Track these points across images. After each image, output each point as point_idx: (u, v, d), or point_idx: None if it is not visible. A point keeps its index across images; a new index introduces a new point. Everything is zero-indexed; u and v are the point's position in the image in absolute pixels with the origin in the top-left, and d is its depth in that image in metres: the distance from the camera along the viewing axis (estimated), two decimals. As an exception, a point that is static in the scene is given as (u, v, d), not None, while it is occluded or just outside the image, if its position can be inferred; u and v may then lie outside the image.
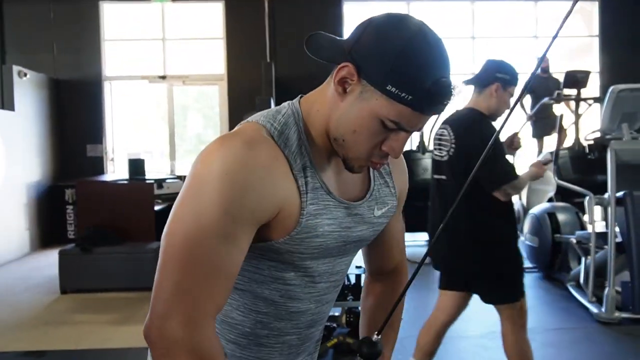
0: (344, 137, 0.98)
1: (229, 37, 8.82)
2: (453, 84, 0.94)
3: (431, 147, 7.32)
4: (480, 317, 4.52)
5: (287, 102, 1.07)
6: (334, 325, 4.07)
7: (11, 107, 7.32)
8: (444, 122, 2.88)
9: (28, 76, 7.62)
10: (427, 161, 7.10)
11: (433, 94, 0.91)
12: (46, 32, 8.61)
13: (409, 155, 7.18)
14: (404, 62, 0.90)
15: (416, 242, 7.84)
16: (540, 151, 7.92)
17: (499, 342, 4.03)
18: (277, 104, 8.18)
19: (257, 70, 7.92)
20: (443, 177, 2.79)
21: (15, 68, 7.41)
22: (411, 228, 7.51)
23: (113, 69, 8.98)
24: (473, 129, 2.65)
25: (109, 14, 8.92)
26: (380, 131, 0.96)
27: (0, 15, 8.66)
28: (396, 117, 0.93)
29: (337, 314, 4.20)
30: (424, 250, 7.41)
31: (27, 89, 7.69)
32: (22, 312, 4.93)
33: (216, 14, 8.89)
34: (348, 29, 8.96)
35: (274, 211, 0.96)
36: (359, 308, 3.87)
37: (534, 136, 8.12)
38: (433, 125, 7.52)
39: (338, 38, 1.00)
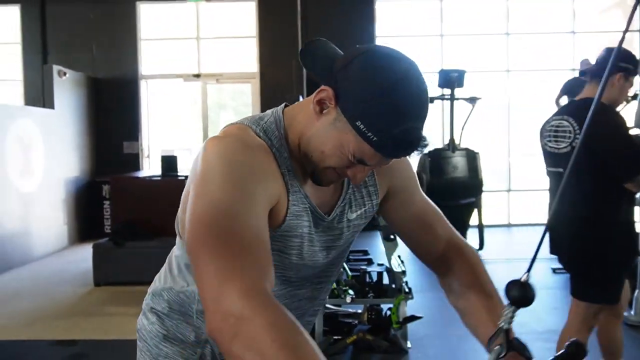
0: (312, 154, 1.02)
1: (261, 35, 8.92)
2: (423, 136, 0.95)
3: (464, 145, 7.32)
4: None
5: (271, 109, 1.10)
6: (355, 322, 4.10)
7: (51, 106, 7.57)
8: (561, 113, 2.75)
9: (67, 75, 7.88)
10: (457, 159, 7.05)
11: (398, 141, 0.93)
12: (85, 32, 8.87)
13: (439, 153, 7.13)
14: (378, 105, 0.92)
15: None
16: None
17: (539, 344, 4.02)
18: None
19: (289, 69, 8.00)
20: (561, 169, 2.66)
21: (55, 68, 7.67)
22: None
23: (149, 67, 9.19)
24: (601, 118, 2.42)
25: (145, 14, 9.13)
26: (345, 159, 0.99)
27: (42, 17, 8.96)
28: (359, 153, 0.96)
29: (359, 311, 4.22)
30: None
31: (66, 87, 7.95)
32: (57, 303, 5.13)
33: (249, 12, 9.00)
34: (380, 27, 8.98)
35: (275, 200, 1.00)
36: (381, 305, 3.92)
37: None
38: (466, 121, 7.50)
39: (336, 51, 1.02)
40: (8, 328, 4.51)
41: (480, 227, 6.99)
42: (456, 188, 6.98)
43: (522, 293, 0.90)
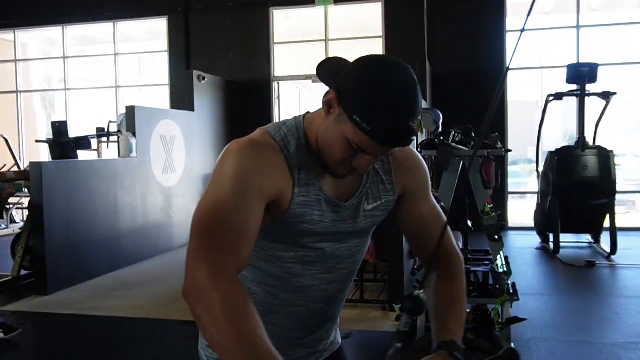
0: (324, 149, 1.19)
1: (388, 35, 9.02)
2: (411, 128, 1.09)
3: (598, 142, 6.89)
4: (620, 325, 4.24)
5: (295, 115, 1.29)
6: (460, 320, 4.09)
7: (191, 108, 8.28)
8: None
9: (206, 79, 8.55)
10: (587, 158, 6.67)
11: (389, 132, 1.08)
12: (223, 38, 9.55)
13: (567, 151, 6.80)
14: (370, 99, 1.08)
15: (580, 244, 7.40)
16: None
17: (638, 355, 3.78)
18: (433, 99, 8.11)
19: (414, 67, 8.02)
20: None
21: (195, 73, 8.36)
22: (572, 229, 7.11)
23: (280, 69, 9.67)
24: None
25: (278, 19, 9.62)
26: (349, 150, 1.14)
27: (186, 26, 9.78)
28: (358, 142, 1.12)
29: (467, 310, 4.20)
30: (588, 252, 6.97)
31: (205, 90, 8.64)
32: (188, 288, 5.63)
33: (376, 13, 9.14)
34: (511, 21, 8.69)
35: (275, 194, 1.18)
36: (487, 306, 3.89)
37: None
38: (600, 118, 7.06)
39: (346, 63, 1.18)
40: (146, 308, 5.08)
41: (613, 231, 6.55)
42: (586, 188, 6.62)
43: (412, 304, 1.09)
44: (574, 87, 6.88)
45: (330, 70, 1.17)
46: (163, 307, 5.06)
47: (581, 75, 6.54)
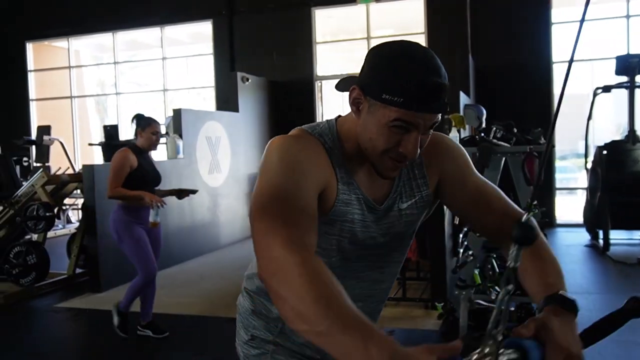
0: (366, 146, 1.18)
1: (430, 31, 8.96)
2: (441, 84, 1.08)
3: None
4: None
5: (325, 119, 1.30)
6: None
7: (236, 109, 8.42)
8: None
9: (250, 80, 8.68)
10: (638, 152, 6.47)
11: (420, 93, 1.07)
12: (266, 39, 9.67)
13: (616, 145, 6.61)
14: (392, 72, 1.09)
15: (632, 241, 7.19)
16: None
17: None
18: (476, 95, 7.96)
19: (456, 63, 7.94)
20: None
21: (239, 74, 8.50)
22: (623, 225, 6.91)
23: (323, 68, 9.72)
24: None
25: (319, 18, 9.68)
26: (390, 135, 1.13)
27: (230, 29, 9.95)
28: (396, 118, 1.11)
29: (512, 308, 4.16)
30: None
31: (249, 91, 8.78)
32: (233, 286, 5.75)
33: (418, 9, 9.09)
34: (557, 14, 8.49)
35: (324, 184, 1.18)
36: (532, 304, 3.84)
37: None
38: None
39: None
40: (195, 305, 5.22)
41: (667, 227, 6.34)
42: (637, 184, 6.42)
43: (523, 232, 0.89)
44: (624, 79, 6.69)
45: (348, 81, 1.21)
46: (209, 305, 5.19)
47: (631, 66, 6.35)
